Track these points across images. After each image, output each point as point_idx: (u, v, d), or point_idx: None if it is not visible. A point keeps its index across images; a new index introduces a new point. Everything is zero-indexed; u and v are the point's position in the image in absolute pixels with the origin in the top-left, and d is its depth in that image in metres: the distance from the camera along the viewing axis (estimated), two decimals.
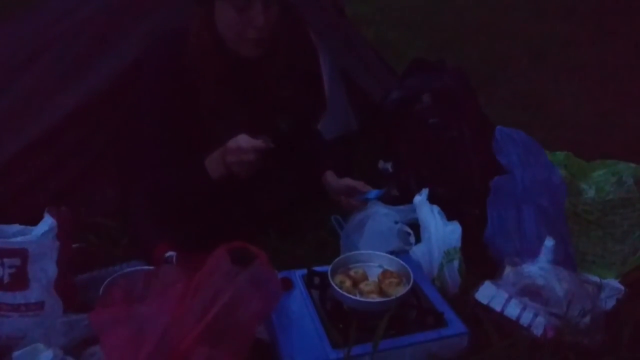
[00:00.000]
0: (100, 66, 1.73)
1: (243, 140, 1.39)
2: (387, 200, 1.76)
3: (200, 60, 1.45)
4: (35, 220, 1.31)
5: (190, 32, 1.46)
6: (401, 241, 1.63)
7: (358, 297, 1.30)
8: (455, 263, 1.49)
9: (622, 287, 1.47)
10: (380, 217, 1.64)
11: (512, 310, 1.33)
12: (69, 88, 1.73)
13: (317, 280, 1.42)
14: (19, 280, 1.21)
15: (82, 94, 1.71)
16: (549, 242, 1.40)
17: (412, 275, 1.35)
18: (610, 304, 1.43)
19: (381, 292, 1.34)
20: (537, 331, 1.30)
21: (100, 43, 1.73)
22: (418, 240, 1.59)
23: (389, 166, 1.89)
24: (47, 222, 1.24)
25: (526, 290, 1.36)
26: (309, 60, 2.22)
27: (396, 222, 1.66)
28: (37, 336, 1.18)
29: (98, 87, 1.71)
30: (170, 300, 1.11)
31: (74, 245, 1.45)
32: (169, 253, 1.39)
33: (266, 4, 1.39)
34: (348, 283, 1.35)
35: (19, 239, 1.22)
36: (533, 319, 1.31)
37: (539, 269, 1.38)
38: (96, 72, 1.73)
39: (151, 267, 1.38)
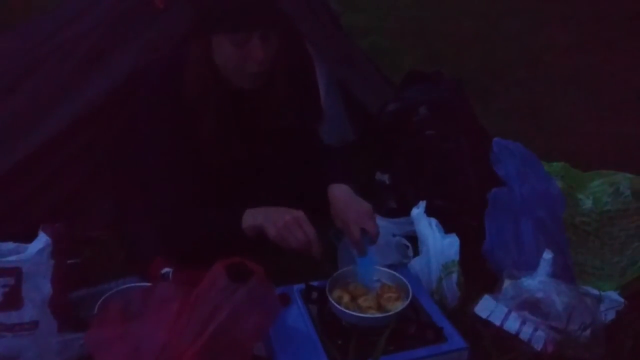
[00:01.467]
0: (96, 80, 1.72)
1: (305, 220, 1.33)
2: (385, 212, 1.76)
3: (198, 92, 1.41)
4: (29, 236, 1.30)
5: (187, 63, 1.42)
6: (399, 254, 1.62)
7: (357, 313, 1.29)
8: (454, 276, 1.48)
9: (622, 299, 1.46)
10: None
11: (512, 325, 1.33)
12: (64, 102, 1.72)
13: (315, 295, 1.40)
14: (13, 299, 1.19)
15: (77, 108, 1.70)
16: (547, 255, 1.40)
17: (410, 289, 1.34)
18: (610, 316, 1.43)
19: (380, 307, 1.33)
20: (537, 345, 1.29)
21: (96, 57, 1.72)
22: (416, 252, 1.59)
23: (386, 178, 1.88)
24: (42, 239, 1.22)
25: (525, 303, 1.36)
26: (305, 71, 2.22)
27: (394, 235, 1.65)
28: (32, 356, 1.16)
29: (94, 101, 1.70)
30: (166, 319, 1.10)
31: (69, 261, 1.44)
32: (165, 269, 1.38)
33: (264, 38, 1.35)
34: (346, 298, 1.34)
35: (13, 257, 1.20)
36: (533, 333, 1.30)
37: (538, 282, 1.37)
38: (92, 86, 1.72)
39: (147, 284, 1.36)
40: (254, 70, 1.37)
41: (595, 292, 1.47)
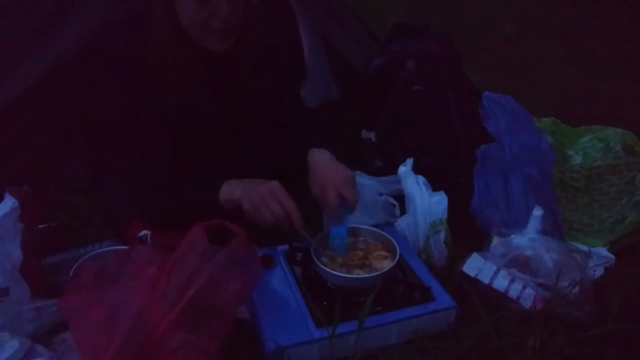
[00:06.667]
0: (65, 33, 1.62)
1: (282, 192, 1.26)
2: (371, 171, 1.71)
3: (163, 54, 1.31)
4: None
5: (150, 21, 1.31)
6: (386, 213, 1.59)
7: (342, 274, 1.26)
8: (442, 235, 1.44)
9: (612, 256, 1.44)
10: (364, 189, 1.59)
11: (501, 283, 1.30)
12: (31, 57, 1.62)
13: (299, 256, 1.36)
14: None
15: (46, 64, 1.60)
16: (537, 212, 1.36)
17: (397, 249, 1.31)
18: (599, 272, 1.41)
19: (367, 265, 1.30)
20: (526, 303, 1.27)
21: (62, 10, 1.61)
22: (403, 211, 1.55)
23: (372, 135, 1.83)
24: (8, 203, 1.16)
25: (514, 261, 1.33)
26: (287, 28, 2.12)
27: (380, 194, 1.62)
28: (4, 324, 1.11)
29: (63, 56, 1.60)
30: (143, 283, 1.05)
31: (42, 226, 1.39)
32: (143, 232, 1.32)
33: None
34: (338, 260, 1.31)
35: None
36: (522, 291, 1.28)
37: (527, 239, 1.34)
38: (60, 39, 1.62)
39: (125, 247, 1.31)
40: (220, 27, 1.27)
41: (585, 248, 1.44)
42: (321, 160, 1.37)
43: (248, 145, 1.52)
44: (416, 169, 1.53)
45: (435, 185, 1.51)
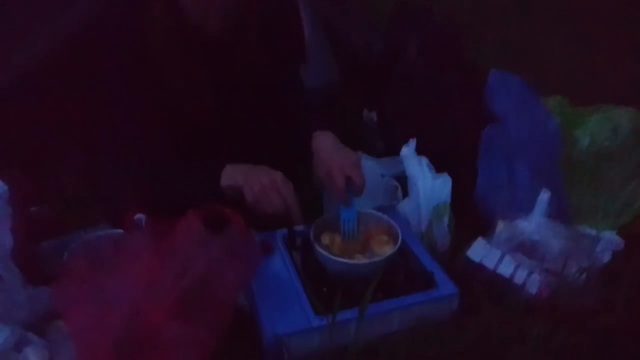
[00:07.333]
0: (62, 21, 1.59)
1: (284, 184, 1.24)
2: (373, 154, 1.67)
3: (162, 40, 1.28)
4: None
5: (147, 6, 1.27)
6: (388, 196, 1.55)
7: (342, 259, 1.22)
8: (445, 219, 1.41)
9: (620, 240, 1.41)
10: (366, 170, 1.54)
11: (506, 268, 1.27)
12: (29, 40, 1.59)
13: (299, 241, 1.33)
14: None
15: (43, 53, 1.58)
16: (543, 195, 1.33)
17: (400, 233, 1.27)
18: (606, 257, 1.37)
19: (369, 250, 1.27)
20: (532, 289, 1.24)
21: None
22: (405, 194, 1.51)
23: (373, 115, 1.79)
24: None
25: (520, 246, 1.30)
26: (288, 11, 2.07)
27: (383, 176, 1.58)
28: None
29: (61, 45, 1.57)
30: (138, 272, 1.02)
31: (33, 209, 1.36)
32: (138, 215, 1.29)
33: None
34: (332, 243, 1.27)
35: None
36: (527, 277, 1.25)
37: (533, 224, 1.30)
38: (57, 29, 1.59)
39: (120, 231, 1.28)
40: (220, 6, 1.24)
41: (592, 232, 1.41)
42: (326, 143, 1.35)
43: (248, 133, 1.49)
44: (419, 151, 1.49)
45: (438, 167, 1.47)
